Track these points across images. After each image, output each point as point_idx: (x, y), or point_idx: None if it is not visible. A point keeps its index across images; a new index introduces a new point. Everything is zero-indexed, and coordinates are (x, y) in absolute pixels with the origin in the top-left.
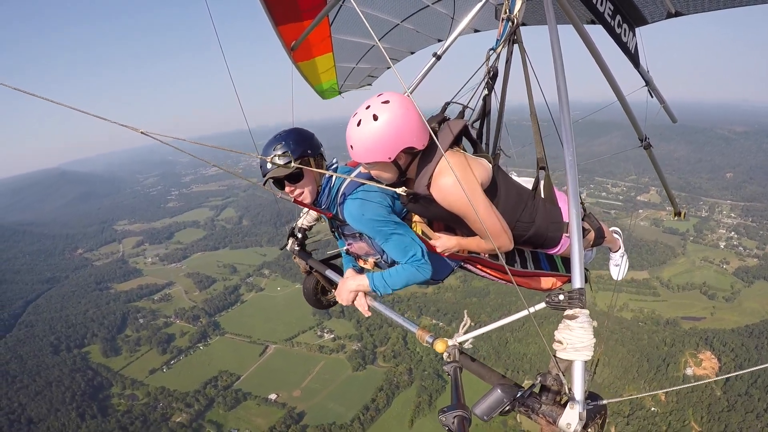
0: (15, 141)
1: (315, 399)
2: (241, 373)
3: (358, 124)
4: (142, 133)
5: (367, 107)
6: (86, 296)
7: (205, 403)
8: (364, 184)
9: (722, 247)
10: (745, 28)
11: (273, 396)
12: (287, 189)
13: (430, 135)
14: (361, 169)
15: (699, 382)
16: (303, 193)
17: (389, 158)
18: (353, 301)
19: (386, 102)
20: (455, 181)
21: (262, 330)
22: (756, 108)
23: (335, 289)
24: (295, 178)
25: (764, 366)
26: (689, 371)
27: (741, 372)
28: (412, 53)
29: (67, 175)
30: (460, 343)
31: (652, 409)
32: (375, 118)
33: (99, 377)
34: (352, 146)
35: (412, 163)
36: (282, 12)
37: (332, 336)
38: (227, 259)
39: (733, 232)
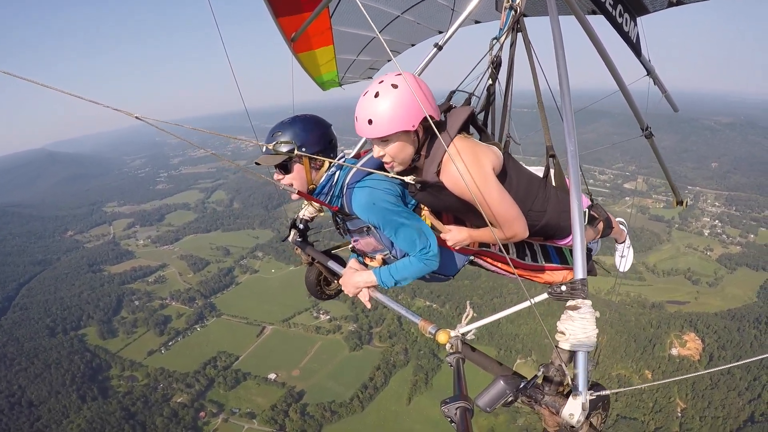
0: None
1: (314, 378)
2: (239, 354)
3: (376, 96)
4: (137, 117)
5: (381, 81)
6: (79, 278)
7: (206, 383)
8: (371, 173)
9: (706, 234)
10: (733, 18)
11: (272, 376)
12: (275, 176)
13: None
14: (373, 154)
15: (696, 374)
16: (292, 185)
17: (413, 126)
18: (359, 294)
19: (399, 74)
20: (467, 165)
21: (258, 311)
22: (742, 99)
23: (338, 280)
24: (284, 168)
25: (757, 358)
26: (674, 351)
27: (734, 364)
28: (413, 45)
29: (54, 156)
30: (462, 334)
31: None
32: (395, 86)
33: (97, 359)
34: (371, 120)
35: (422, 147)
36: (282, 4)
37: (328, 317)
38: (220, 242)
39: (717, 221)
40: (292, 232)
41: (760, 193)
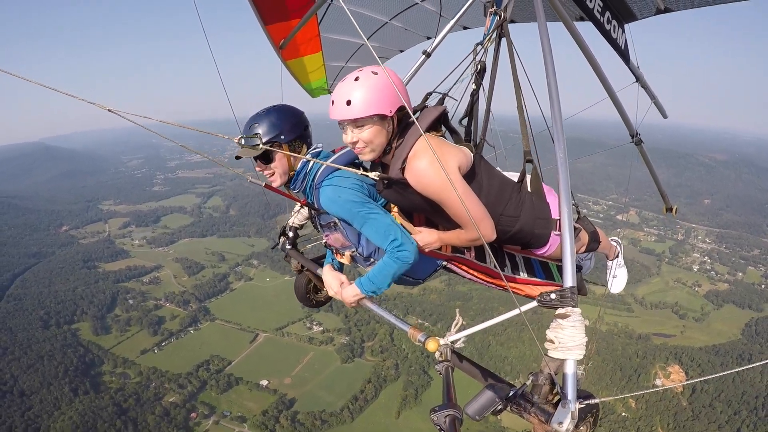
0: None
1: (305, 387)
2: (232, 359)
3: (356, 80)
4: (109, 110)
5: (360, 70)
6: (74, 273)
7: (198, 385)
8: (339, 169)
9: (695, 270)
10: (733, 54)
11: (264, 382)
12: (257, 168)
13: (410, 115)
14: (345, 139)
15: (680, 383)
16: (272, 174)
17: (390, 111)
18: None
19: (377, 66)
20: (429, 163)
21: (252, 318)
22: (739, 137)
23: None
24: (265, 159)
25: (727, 372)
26: (658, 382)
27: (712, 376)
28: (402, 51)
29: (51, 150)
30: (452, 342)
31: (623, 414)
32: (374, 73)
33: (90, 354)
34: (350, 101)
35: (394, 140)
36: (270, 11)
37: (321, 328)
38: (215, 247)
39: (706, 257)
40: (282, 239)
41: (751, 232)
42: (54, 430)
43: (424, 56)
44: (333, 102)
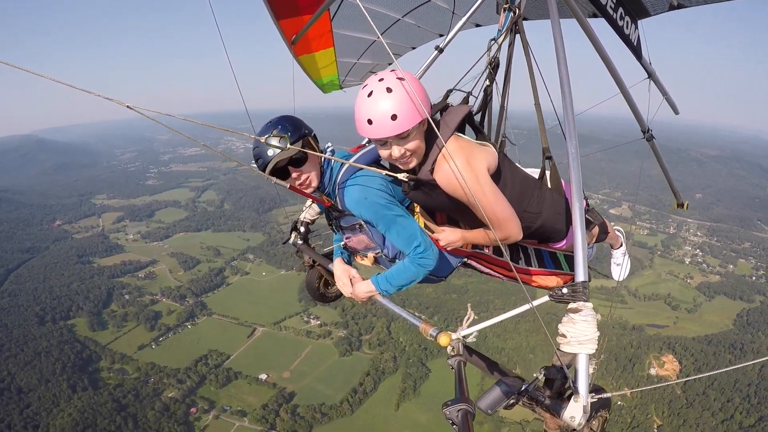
0: None
1: (304, 381)
2: (230, 353)
3: (389, 91)
4: (128, 107)
5: (381, 79)
6: (69, 269)
7: (197, 379)
8: (362, 168)
9: (687, 262)
10: (728, 51)
11: (263, 376)
12: (293, 174)
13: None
14: (388, 155)
15: (683, 380)
16: (309, 177)
17: (428, 113)
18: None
19: (393, 71)
20: (461, 165)
21: (249, 313)
22: (731, 133)
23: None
24: (299, 161)
25: (724, 370)
26: (652, 371)
27: (705, 374)
28: (414, 48)
29: (43, 143)
30: (463, 337)
31: (618, 402)
32: (401, 79)
33: (87, 350)
34: (395, 115)
35: None
36: (282, 6)
37: (319, 322)
38: (210, 242)
39: (698, 250)
40: (293, 234)
41: (741, 226)
42: (53, 427)
43: (436, 51)
44: (370, 121)
